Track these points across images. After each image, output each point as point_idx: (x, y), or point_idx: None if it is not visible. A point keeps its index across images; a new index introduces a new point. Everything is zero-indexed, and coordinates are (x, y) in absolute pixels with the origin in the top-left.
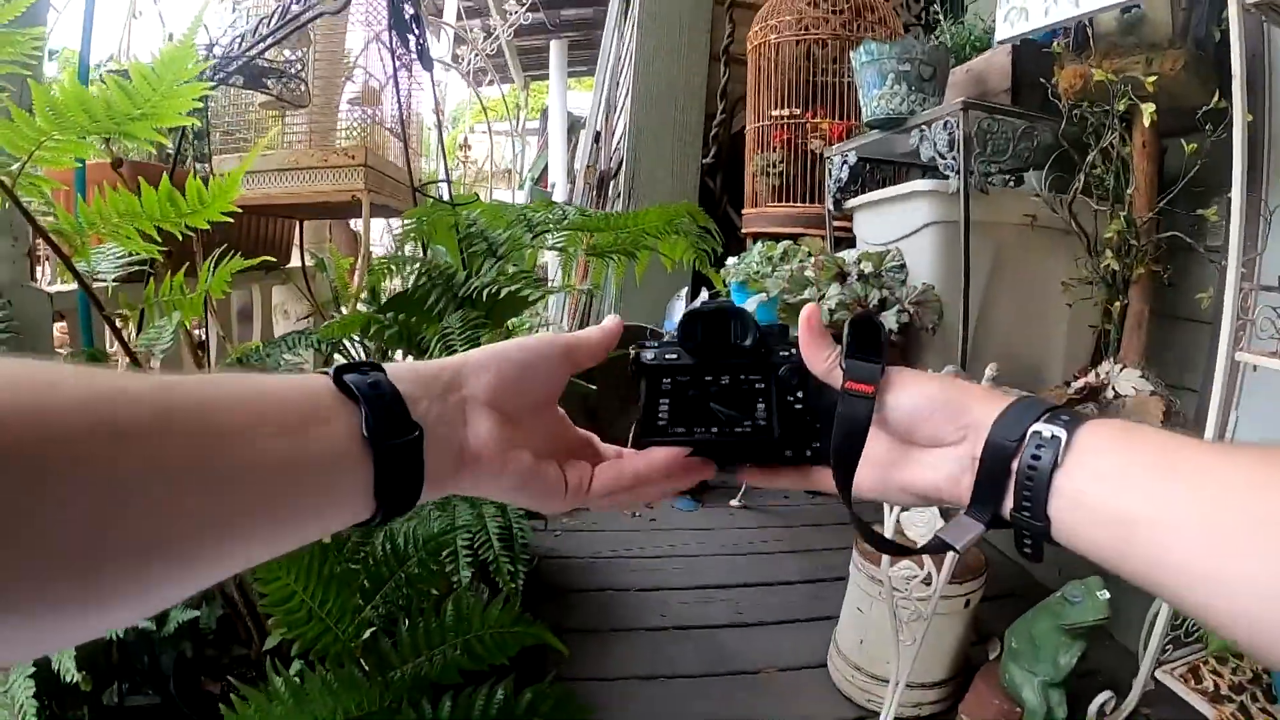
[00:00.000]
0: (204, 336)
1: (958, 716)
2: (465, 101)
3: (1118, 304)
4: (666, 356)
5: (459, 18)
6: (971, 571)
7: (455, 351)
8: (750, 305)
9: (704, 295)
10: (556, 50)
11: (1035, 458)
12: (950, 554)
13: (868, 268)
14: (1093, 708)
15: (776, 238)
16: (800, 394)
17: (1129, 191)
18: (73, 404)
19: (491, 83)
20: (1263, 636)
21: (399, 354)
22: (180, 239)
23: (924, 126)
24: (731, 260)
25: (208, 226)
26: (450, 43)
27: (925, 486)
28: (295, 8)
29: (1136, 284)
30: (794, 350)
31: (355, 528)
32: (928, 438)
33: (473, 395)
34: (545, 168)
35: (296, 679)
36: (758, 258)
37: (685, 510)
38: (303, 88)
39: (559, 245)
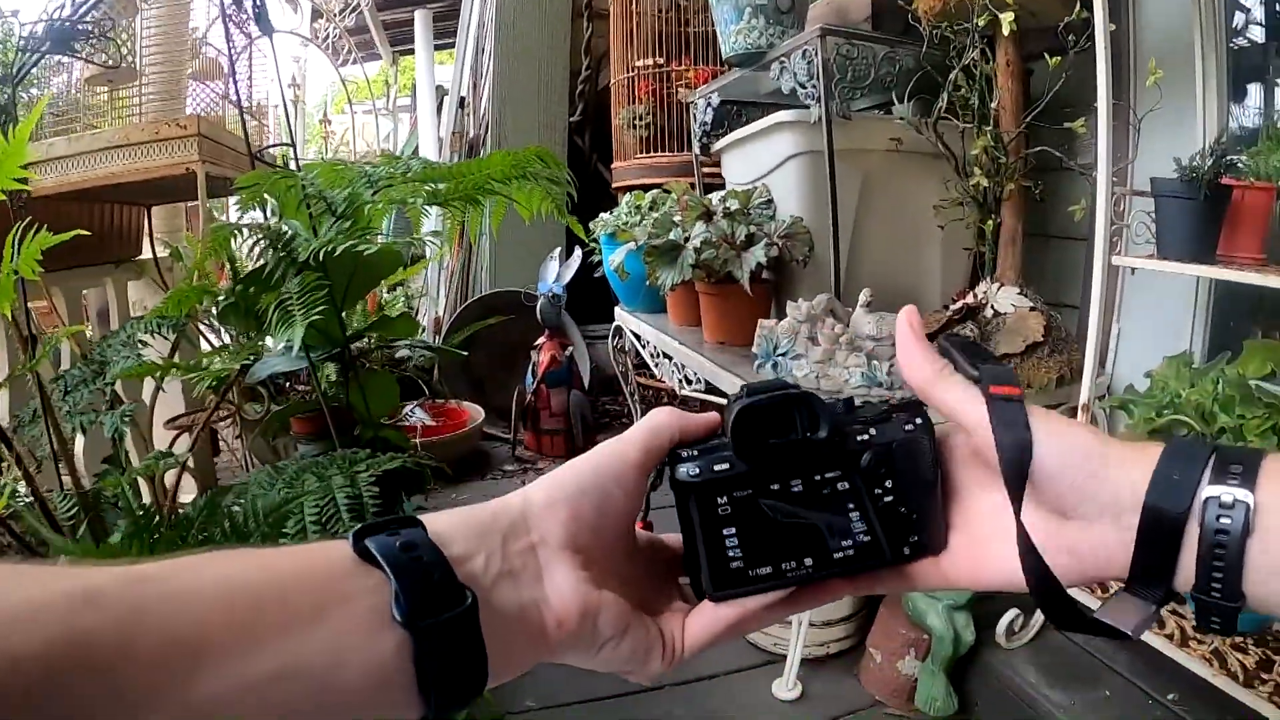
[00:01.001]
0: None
1: (866, 650)
2: (335, 83)
3: (990, 223)
4: (716, 468)
5: None
6: None
7: (295, 321)
8: (620, 254)
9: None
10: (421, 21)
11: (1221, 531)
12: None
13: (733, 205)
14: (1001, 626)
15: (648, 189)
16: (889, 483)
17: (993, 106)
18: (24, 612)
19: (355, 61)
20: None
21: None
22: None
23: (783, 59)
24: (603, 215)
25: (2, 195)
26: (307, 17)
27: (1068, 572)
28: None
29: (1008, 201)
30: (872, 430)
31: None
32: (1064, 503)
33: (548, 540)
34: (418, 145)
35: None
36: (626, 208)
37: None
38: (118, 53)
39: (401, 199)
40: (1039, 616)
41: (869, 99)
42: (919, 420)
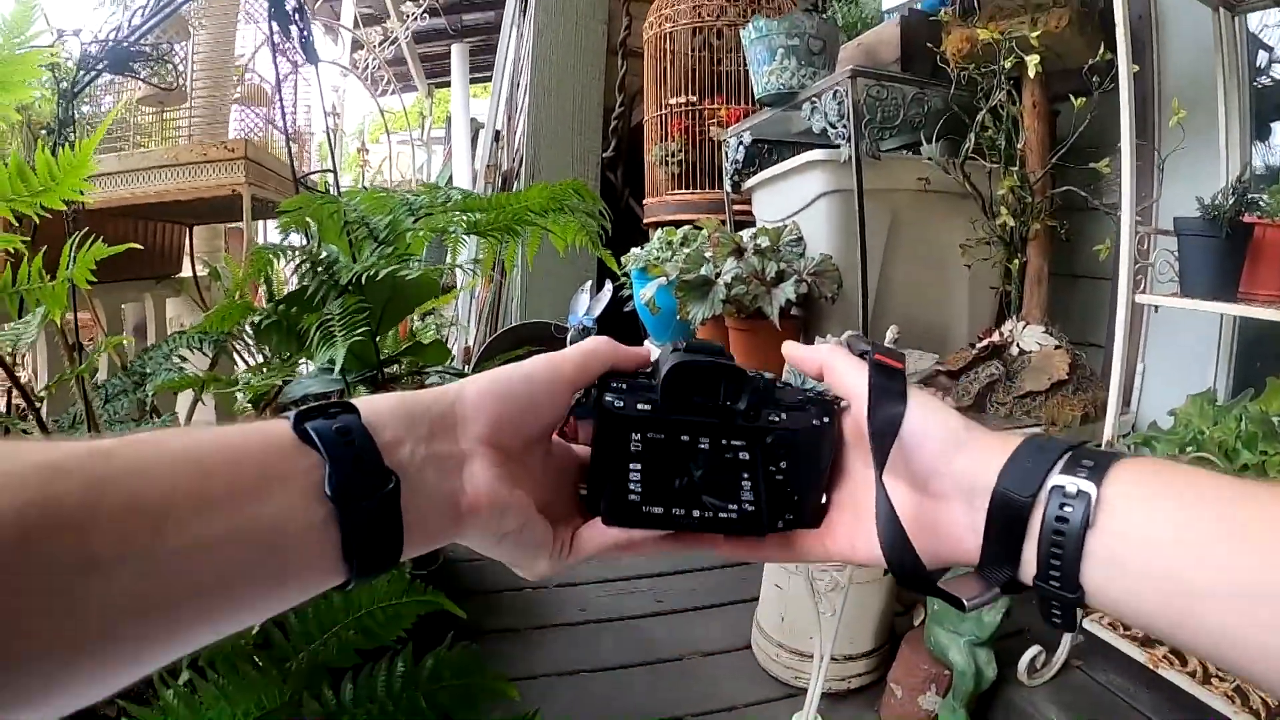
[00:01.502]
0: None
1: (887, 685)
2: (371, 114)
3: (1016, 262)
4: (639, 406)
5: (357, 25)
6: None
7: (337, 343)
8: (651, 289)
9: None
10: (458, 55)
11: (1061, 520)
12: None
13: (764, 242)
14: (1022, 663)
15: (679, 225)
16: (784, 464)
17: (1019, 147)
18: None
19: (393, 92)
20: None
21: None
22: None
23: (815, 99)
24: (635, 250)
25: (63, 206)
26: (347, 48)
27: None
28: None
29: (1034, 241)
30: (784, 415)
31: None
32: (923, 476)
33: (470, 433)
34: (451, 176)
35: (187, 689)
36: (658, 244)
37: None
38: (172, 75)
39: (440, 227)
40: (1061, 653)
41: (898, 139)
42: (827, 419)
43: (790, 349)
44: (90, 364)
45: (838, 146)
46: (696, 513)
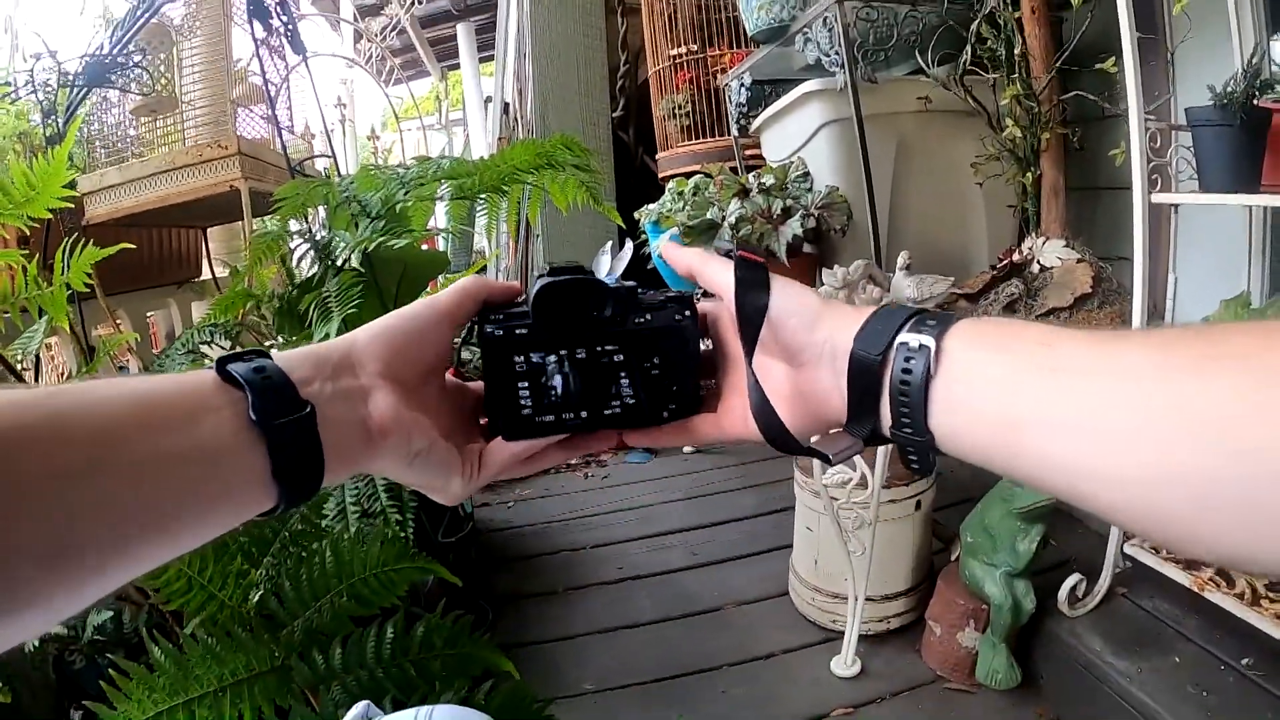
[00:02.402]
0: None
1: (926, 624)
2: (388, 106)
3: (1030, 176)
4: (517, 331)
5: (357, 18)
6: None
7: (333, 317)
8: (662, 240)
9: (620, 249)
10: (464, 34)
11: (906, 370)
12: (881, 454)
13: (769, 181)
14: (1063, 592)
15: (692, 177)
16: (656, 359)
17: (1018, 53)
18: None
19: (399, 81)
20: (1151, 523)
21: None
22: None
23: (806, 30)
24: (648, 205)
25: (48, 215)
26: (348, 38)
27: (796, 416)
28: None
29: (1046, 153)
30: (648, 316)
31: (263, 516)
32: (791, 349)
33: (367, 369)
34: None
35: (176, 648)
36: (669, 196)
37: (638, 463)
38: (160, 83)
39: (430, 195)
40: (1104, 581)
41: (901, 67)
42: (688, 312)
43: (665, 249)
44: (97, 364)
45: (834, 74)
46: (585, 413)
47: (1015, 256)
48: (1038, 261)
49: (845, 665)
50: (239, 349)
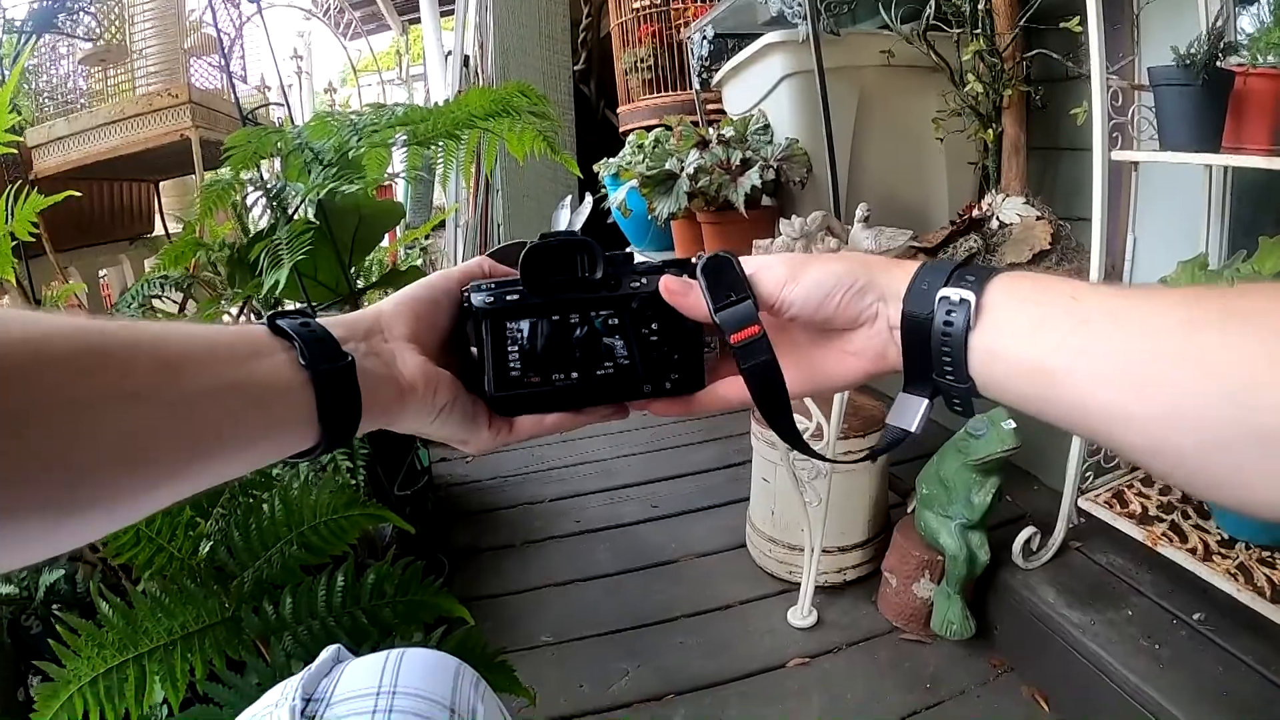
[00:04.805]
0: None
1: (882, 575)
2: (347, 60)
3: (991, 133)
4: (507, 299)
5: None
6: (874, 423)
7: (283, 264)
8: (622, 193)
9: (586, 209)
10: None
11: (948, 323)
12: (838, 401)
13: (729, 133)
14: (1017, 545)
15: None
16: (655, 325)
17: (982, 9)
18: (62, 331)
19: (358, 34)
20: (1166, 461)
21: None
22: None
23: None
24: (607, 159)
25: None
26: None
27: (854, 372)
28: None
29: (1009, 110)
30: (644, 280)
31: (300, 456)
32: (845, 320)
33: (394, 333)
34: None
35: (126, 604)
36: (629, 149)
37: None
38: (107, 30)
39: (383, 141)
40: (1058, 535)
41: (866, 23)
42: (688, 278)
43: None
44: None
45: (796, 26)
46: (575, 374)
47: (975, 212)
48: (997, 218)
49: (801, 616)
50: (194, 301)
